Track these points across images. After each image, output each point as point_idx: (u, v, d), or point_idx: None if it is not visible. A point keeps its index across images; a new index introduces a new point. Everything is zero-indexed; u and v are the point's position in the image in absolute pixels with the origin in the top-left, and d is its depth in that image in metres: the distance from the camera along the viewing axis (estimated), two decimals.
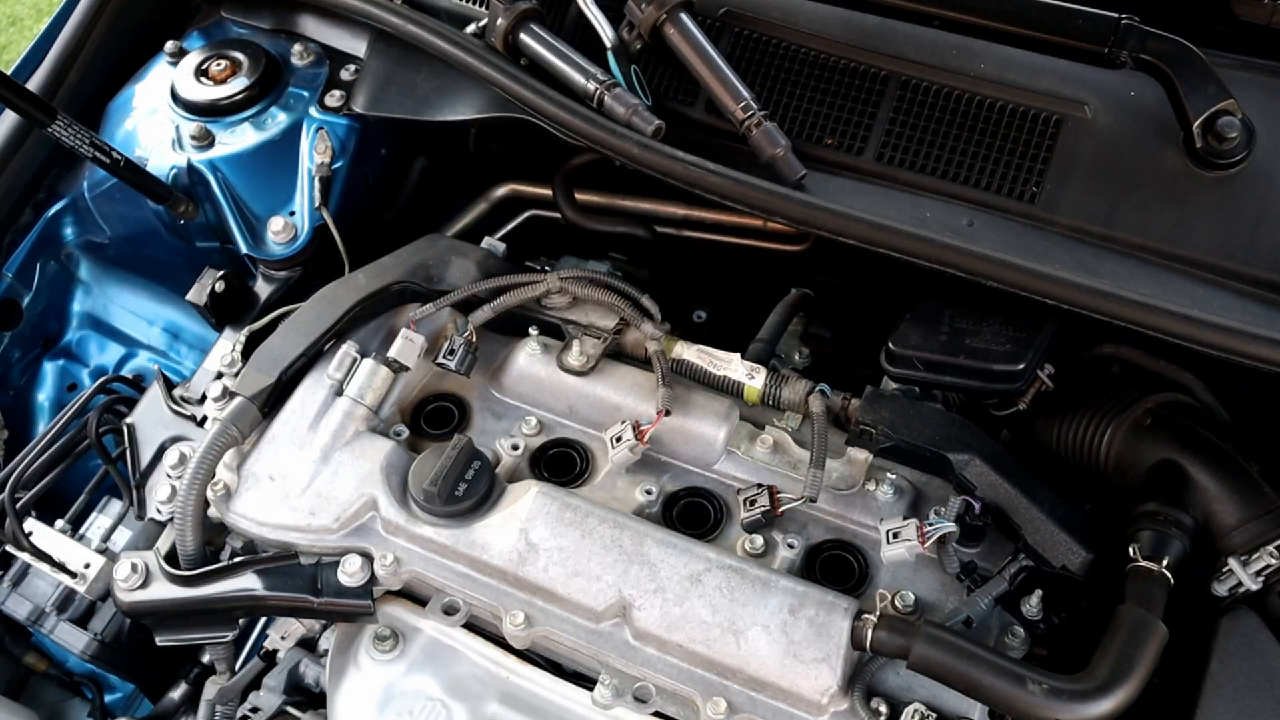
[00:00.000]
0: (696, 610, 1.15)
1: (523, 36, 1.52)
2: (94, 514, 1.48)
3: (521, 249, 1.63)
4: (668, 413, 1.30)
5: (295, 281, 1.64)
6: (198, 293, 1.55)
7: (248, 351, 1.41)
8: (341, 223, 1.63)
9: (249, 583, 1.23)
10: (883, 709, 1.10)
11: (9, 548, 1.43)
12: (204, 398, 1.44)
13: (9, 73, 1.50)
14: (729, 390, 1.36)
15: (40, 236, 1.76)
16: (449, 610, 1.21)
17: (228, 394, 1.37)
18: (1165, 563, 1.10)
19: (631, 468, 1.33)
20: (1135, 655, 1.03)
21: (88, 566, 1.40)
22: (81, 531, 1.46)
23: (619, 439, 1.30)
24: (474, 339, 1.38)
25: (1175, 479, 1.19)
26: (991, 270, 1.22)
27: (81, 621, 1.46)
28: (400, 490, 1.26)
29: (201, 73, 1.74)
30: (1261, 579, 1.11)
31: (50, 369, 1.79)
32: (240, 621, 1.30)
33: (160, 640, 1.27)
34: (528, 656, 1.22)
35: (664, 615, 1.15)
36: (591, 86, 1.45)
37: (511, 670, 1.21)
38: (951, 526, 1.19)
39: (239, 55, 1.76)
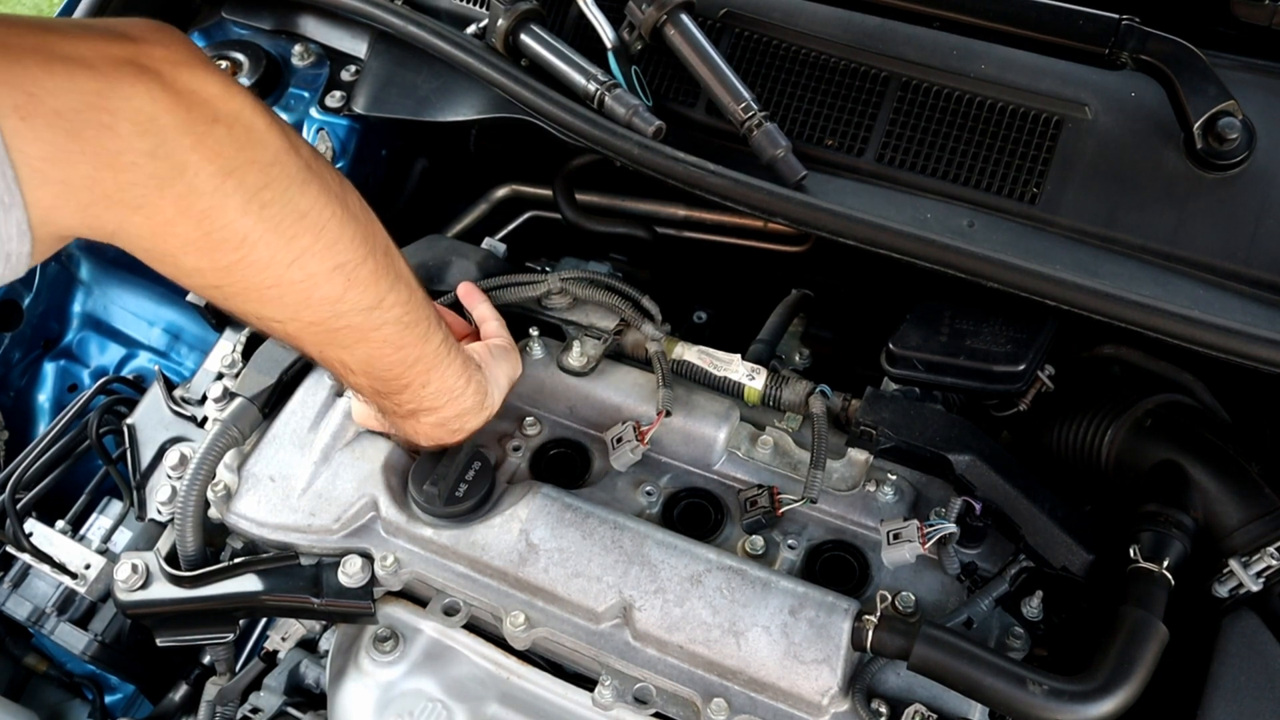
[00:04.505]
0: (697, 611, 1.15)
1: (523, 37, 1.52)
2: (94, 515, 1.48)
3: (522, 250, 1.63)
4: (668, 414, 1.30)
5: None
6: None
7: (248, 352, 1.41)
8: None
9: (249, 583, 1.23)
10: (883, 710, 1.10)
11: (9, 548, 1.43)
12: (204, 398, 1.44)
13: None
14: (729, 391, 1.36)
15: None
16: (449, 611, 1.21)
17: (228, 395, 1.37)
18: (1166, 564, 1.10)
19: (632, 469, 1.32)
20: (1136, 656, 1.03)
21: (88, 567, 1.40)
22: (82, 532, 1.46)
23: (620, 440, 1.30)
24: None
25: (1176, 480, 1.19)
26: (992, 271, 1.22)
27: (82, 622, 1.46)
28: (400, 491, 1.26)
29: None
30: (1262, 580, 1.11)
31: (51, 370, 1.79)
32: (241, 622, 1.30)
33: (160, 641, 1.27)
34: (528, 657, 1.22)
35: (664, 616, 1.15)
36: (592, 87, 1.45)
37: (512, 671, 1.21)
38: (952, 527, 1.19)
39: (239, 56, 1.76)
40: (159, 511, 1.40)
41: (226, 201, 0.85)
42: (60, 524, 1.45)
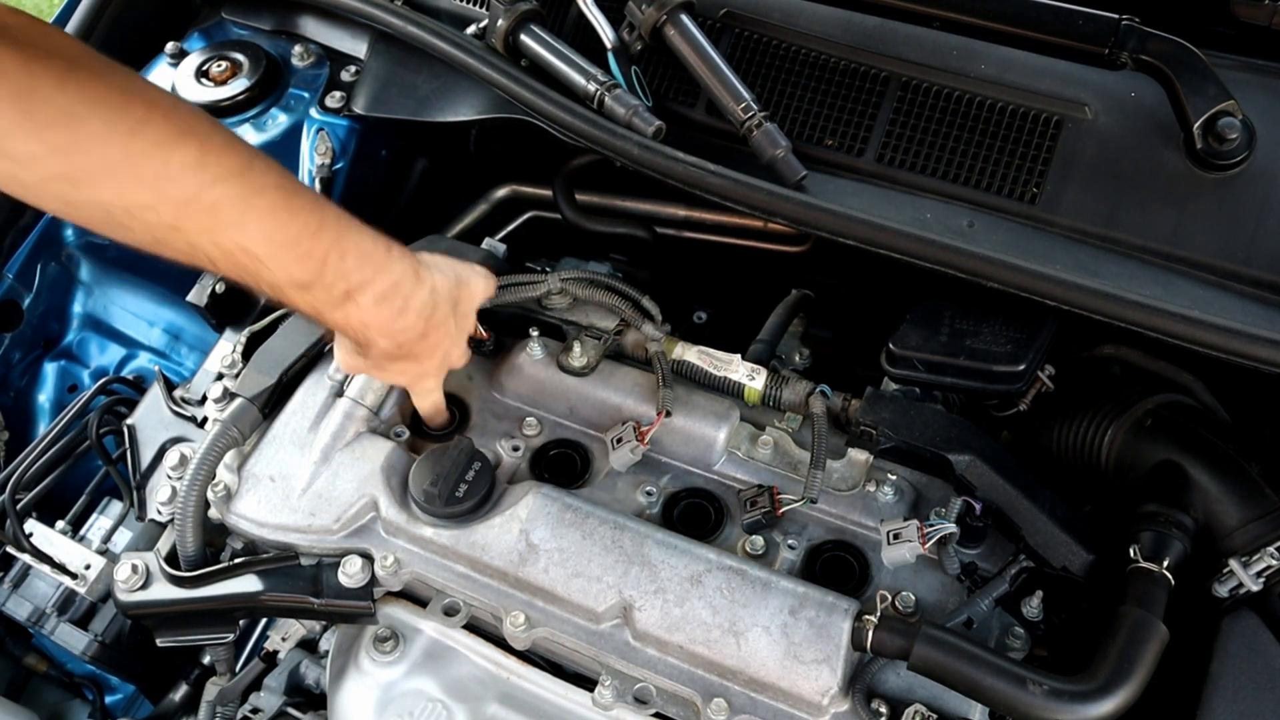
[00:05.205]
0: (697, 611, 1.15)
1: (523, 37, 1.53)
2: (94, 515, 1.48)
3: (522, 250, 1.63)
4: (668, 414, 1.30)
5: None
6: (198, 294, 1.55)
7: (248, 353, 1.41)
8: None
9: (249, 584, 1.23)
10: (883, 710, 1.10)
11: (9, 549, 1.43)
12: (204, 399, 1.44)
13: None
14: (729, 391, 1.36)
15: (41, 238, 1.76)
16: (449, 611, 1.21)
17: (228, 395, 1.37)
18: (1166, 564, 1.10)
19: (632, 469, 1.33)
20: (1136, 656, 1.03)
21: (88, 568, 1.40)
22: (82, 533, 1.46)
23: (620, 440, 1.30)
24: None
25: (1176, 480, 1.19)
26: (992, 271, 1.22)
27: (82, 622, 1.46)
28: (401, 491, 1.26)
29: (202, 74, 1.75)
30: (1262, 580, 1.11)
31: (51, 370, 1.79)
32: (241, 623, 1.30)
33: (161, 641, 1.27)
34: (528, 657, 1.22)
35: (664, 616, 1.15)
36: (592, 87, 1.45)
37: (512, 671, 1.21)
38: (952, 527, 1.19)
39: (239, 56, 1.76)
40: (159, 512, 1.40)
41: (38, 82, 0.84)
42: (60, 524, 1.45)
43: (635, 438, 1.28)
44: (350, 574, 1.20)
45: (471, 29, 1.59)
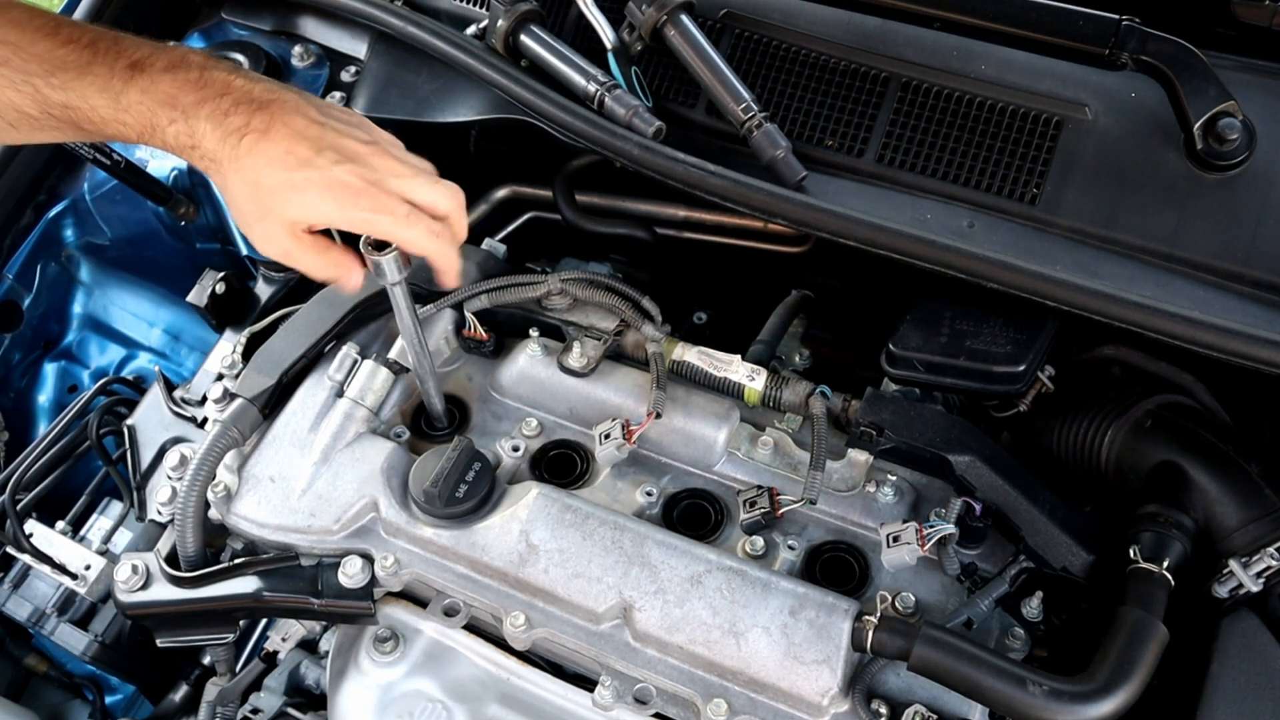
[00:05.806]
0: (697, 612, 1.15)
1: (523, 38, 1.53)
2: (95, 515, 1.48)
3: (522, 251, 1.63)
4: (658, 415, 1.30)
5: (296, 283, 1.64)
6: (198, 294, 1.55)
7: (248, 353, 1.41)
8: None
9: (250, 584, 1.23)
10: (883, 710, 1.10)
11: (10, 549, 1.43)
12: (204, 399, 1.44)
13: None
14: (729, 392, 1.36)
15: (41, 238, 1.76)
16: (449, 612, 1.21)
17: (228, 395, 1.37)
18: (1166, 564, 1.10)
19: (632, 469, 1.33)
20: (1135, 657, 1.03)
21: (88, 568, 1.41)
22: (82, 533, 1.46)
23: (608, 436, 1.29)
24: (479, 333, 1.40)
25: (1176, 481, 1.19)
26: (992, 272, 1.22)
27: (82, 623, 1.46)
28: (401, 492, 1.26)
29: None
30: (1262, 581, 1.11)
31: (51, 371, 1.79)
32: (241, 623, 1.30)
33: (161, 642, 1.27)
34: (528, 658, 1.22)
35: (665, 617, 1.15)
36: (592, 88, 1.45)
37: (512, 672, 1.21)
38: (951, 528, 1.19)
39: (239, 56, 1.76)
40: (159, 512, 1.40)
41: None
42: (60, 525, 1.46)
43: (622, 436, 1.28)
44: (350, 574, 1.20)
45: (471, 29, 1.59)
